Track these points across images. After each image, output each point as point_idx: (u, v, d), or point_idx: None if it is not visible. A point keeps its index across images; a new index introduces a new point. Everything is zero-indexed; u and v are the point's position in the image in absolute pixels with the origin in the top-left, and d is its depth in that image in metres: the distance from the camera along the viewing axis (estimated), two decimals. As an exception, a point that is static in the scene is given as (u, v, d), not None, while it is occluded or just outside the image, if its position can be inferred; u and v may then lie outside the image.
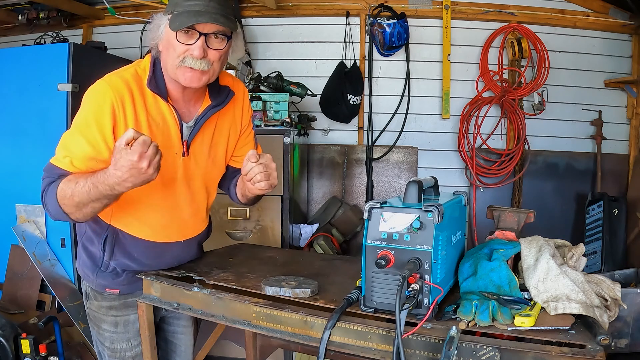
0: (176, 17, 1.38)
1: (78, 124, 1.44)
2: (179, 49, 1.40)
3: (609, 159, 3.90)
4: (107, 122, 1.41)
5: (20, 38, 3.87)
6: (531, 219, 1.58)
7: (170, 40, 1.41)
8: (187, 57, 1.40)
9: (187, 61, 1.41)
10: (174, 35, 1.39)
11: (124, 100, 1.43)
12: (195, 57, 1.40)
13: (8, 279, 3.04)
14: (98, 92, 1.43)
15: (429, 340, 1.16)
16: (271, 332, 1.34)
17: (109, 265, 1.60)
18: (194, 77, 1.43)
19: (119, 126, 1.42)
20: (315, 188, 4.04)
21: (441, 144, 3.99)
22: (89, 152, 1.41)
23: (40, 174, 1.47)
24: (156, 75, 1.48)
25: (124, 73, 1.47)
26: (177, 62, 1.41)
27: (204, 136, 1.59)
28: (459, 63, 3.91)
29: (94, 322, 1.69)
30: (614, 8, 3.77)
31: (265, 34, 4.02)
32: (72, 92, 2.93)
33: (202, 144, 1.59)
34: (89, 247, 1.62)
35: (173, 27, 1.38)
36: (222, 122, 1.63)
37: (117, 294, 1.65)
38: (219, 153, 1.66)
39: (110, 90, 1.42)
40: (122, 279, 1.63)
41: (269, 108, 3.28)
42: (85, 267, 1.65)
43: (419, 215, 1.17)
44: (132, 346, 1.68)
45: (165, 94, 1.49)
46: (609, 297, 1.27)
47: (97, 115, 1.41)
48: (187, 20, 1.36)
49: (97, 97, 1.43)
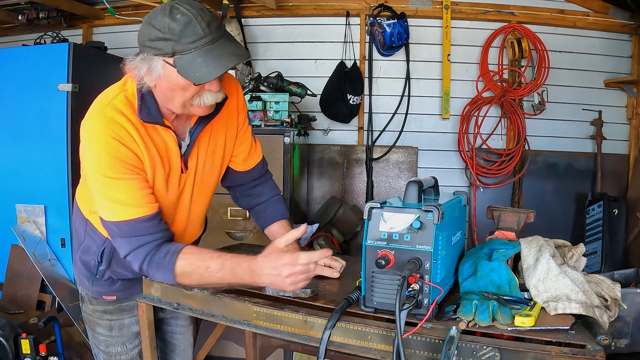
0: (189, 67, 1.23)
1: (102, 172, 1.31)
2: (193, 90, 1.29)
3: (609, 159, 3.90)
4: (125, 152, 1.32)
5: (20, 38, 3.87)
6: (531, 219, 1.57)
7: (179, 84, 1.27)
8: (205, 93, 1.31)
9: (206, 98, 1.32)
10: (188, 81, 1.25)
11: (128, 131, 1.33)
12: (214, 91, 1.32)
13: (8, 279, 3.04)
14: (98, 132, 1.31)
15: (429, 340, 1.16)
16: (271, 332, 1.34)
17: (105, 274, 1.58)
18: (210, 108, 1.37)
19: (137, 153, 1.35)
20: (315, 188, 4.04)
21: (441, 144, 3.99)
22: (138, 187, 1.34)
23: (40, 173, 1.45)
24: (147, 106, 1.35)
25: (115, 102, 1.34)
26: (192, 101, 1.32)
27: (199, 148, 1.51)
28: (459, 63, 3.92)
29: (89, 325, 1.68)
30: (614, 8, 3.77)
31: (265, 34, 4.02)
32: (72, 92, 2.93)
33: (198, 156, 1.52)
34: (84, 256, 1.58)
35: (196, 81, 1.24)
36: (217, 127, 1.54)
37: (114, 300, 1.63)
38: (217, 159, 1.59)
39: (109, 124, 1.31)
40: (117, 285, 1.61)
41: (269, 108, 3.28)
42: (81, 274, 1.62)
43: (419, 215, 1.17)
44: (127, 349, 1.67)
45: (161, 120, 1.37)
46: (609, 297, 1.27)
47: (113, 153, 1.31)
48: (212, 73, 1.23)
49: (100, 138, 1.31)
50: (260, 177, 1.75)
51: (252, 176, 1.72)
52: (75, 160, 2.94)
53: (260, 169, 1.73)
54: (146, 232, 1.35)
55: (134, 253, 1.36)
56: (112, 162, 1.31)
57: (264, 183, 1.76)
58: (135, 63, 1.30)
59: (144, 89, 1.34)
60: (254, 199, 1.74)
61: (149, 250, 1.35)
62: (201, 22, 1.22)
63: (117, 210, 1.33)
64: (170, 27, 1.22)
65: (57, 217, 3.02)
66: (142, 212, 1.34)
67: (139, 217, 1.34)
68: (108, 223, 1.36)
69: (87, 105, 1.39)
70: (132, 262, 1.38)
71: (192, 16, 1.22)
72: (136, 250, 1.36)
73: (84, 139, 1.34)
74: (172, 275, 1.34)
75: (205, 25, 1.23)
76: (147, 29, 1.26)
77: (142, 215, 1.34)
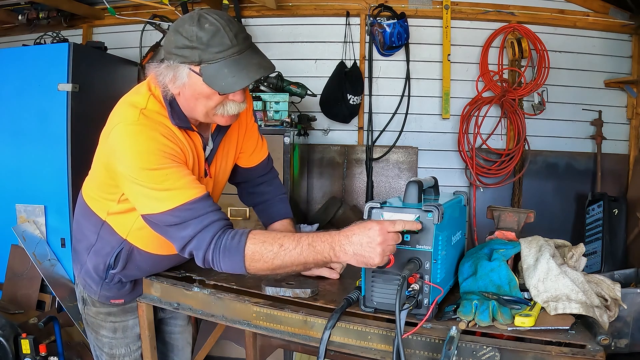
0: (216, 76, 1.24)
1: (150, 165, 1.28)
2: (217, 99, 1.30)
3: (609, 159, 3.90)
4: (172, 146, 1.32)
5: (20, 38, 3.87)
6: (531, 219, 1.58)
7: (204, 93, 1.28)
8: (228, 103, 1.32)
9: (230, 108, 1.33)
10: (212, 90, 1.26)
11: (171, 129, 1.34)
12: (238, 102, 1.33)
13: (8, 279, 3.04)
14: (143, 131, 1.29)
15: (429, 340, 1.16)
16: (271, 332, 1.34)
17: (115, 277, 1.57)
18: (233, 118, 1.38)
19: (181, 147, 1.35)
20: (315, 188, 4.04)
21: (441, 144, 3.99)
22: (186, 172, 1.32)
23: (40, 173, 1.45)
24: (176, 112, 1.36)
25: (150, 106, 1.34)
26: (215, 111, 1.33)
27: (217, 152, 1.53)
28: (459, 63, 3.91)
29: (91, 327, 1.67)
30: (614, 8, 3.77)
31: (265, 34, 4.02)
32: (72, 92, 2.93)
33: (216, 160, 1.54)
34: (95, 259, 1.56)
35: (222, 91, 1.25)
36: (230, 130, 1.56)
37: (122, 304, 1.63)
38: (230, 160, 1.61)
39: (157, 124, 1.31)
40: (126, 289, 1.61)
41: (269, 108, 3.28)
42: (88, 277, 1.59)
43: (419, 215, 1.17)
44: (130, 351, 1.66)
45: (189, 125, 1.39)
46: (609, 297, 1.27)
47: (161, 146, 1.29)
48: (241, 82, 1.24)
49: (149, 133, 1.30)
50: (266, 175, 1.76)
51: (257, 174, 1.73)
52: (76, 160, 2.95)
53: (264, 167, 1.74)
54: (207, 210, 1.29)
55: (197, 239, 1.27)
56: (158, 154, 1.28)
57: (269, 181, 1.77)
58: (161, 70, 1.30)
59: (168, 96, 1.34)
60: (259, 196, 1.75)
61: (215, 231, 1.28)
62: (229, 32, 1.23)
63: (172, 196, 1.27)
64: (198, 35, 1.22)
65: (57, 217, 3.02)
66: (198, 192, 1.29)
67: (196, 197, 1.28)
68: (161, 215, 1.28)
69: (87, 106, 1.39)
70: (196, 251, 1.29)
71: (221, 26, 1.23)
72: (200, 235, 1.27)
73: (121, 142, 1.30)
74: (242, 258, 1.25)
75: (233, 36, 1.24)
76: (174, 36, 1.26)
77: (199, 195, 1.29)
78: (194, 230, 1.27)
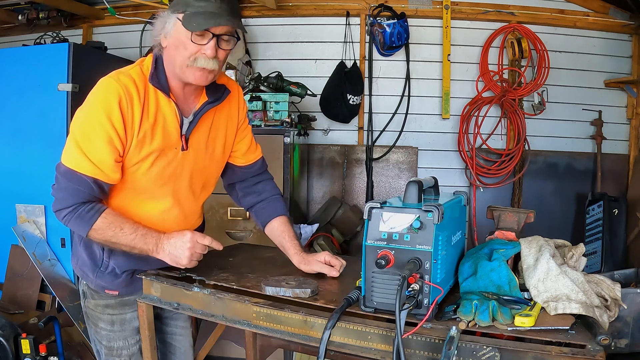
0: (191, 18, 1.39)
1: (89, 122, 1.43)
2: (191, 49, 1.42)
3: (609, 159, 3.90)
4: (118, 118, 1.42)
5: (20, 38, 3.87)
6: (531, 219, 1.58)
7: (181, 39, 1.42)
8: (199, 57, 1.43)
9: (200, 61, 1.43)
10: (188, 35, 1.40)
11: (132, 97, 1.44)
12: (208, 57, 1.43)
13: (8, 279, 3.04)
14: (106, 89, 1.43)
15: (429, 340, 1.16)
16: (271, 332, 1.34)
17: (109, 265, 1.60)
18: (202, 75, 1.46)
19: (127, 122, 1.43)
20: (315, 188, 4.04)
21: (441, 144, 3.99)
22: (110, 153, 1.42)
23: (40, 173, 1.48)
24: (158, 72, 1.50)
25: (130, 71, 1.49)
26: (188, 61, 1.43)
27: (201, 131, 1.59)
28: (459, 63, 3.92)
29: (91, 320, 1.69)
30: (614, 8, 3.77)
31: (265, 34, 4.02)
32: (72, 92, 2.93)
33: (199, 139, 1.59)
34: (90, 246, 1.61)
35: (190, 28, 1.39)
36: (218, 118, 1.64)
37: (116, 295, 1.65)
38: (217, 149, 1.66)
39: (119, 86, 1.42)
40: (120, 280, 1.63)
41: (269, 108, 3.28)
42: (84, 266, 1.64)
43: (419, 215, 1.17)
44: (128, 344, 1.68)
45: (167, 89, 1.50)
46: (609, 297, 1.27)
47: (107, 112, 1.41)
48: (204, 23, 1.38)
49: (105, 94, 1.42)
50: (261, 175, 1.79)
51: (253, 172, 1.77)
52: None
53: (260, 166, 1.79)
54: (90, 194, 1.44)
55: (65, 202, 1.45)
56: (103, 119, 1.40)
57: (265, 182, 1.80)
58: (157, 22, 1.48)
59: (158, 53, 1.50)
60: (255, 197, 1.77)
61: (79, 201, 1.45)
62: None
63: (79, 160, 1.41)
64: None
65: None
66: (100, 175, 1.42)
67: (95, 177, 1.42)
68: (62, 166, 1.44)
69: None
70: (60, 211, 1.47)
71: None
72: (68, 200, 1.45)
73: (90, 94, 1.45)
74: (88, 229, 1.44)
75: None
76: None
77: (98, 177, 1.42)
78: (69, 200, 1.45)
